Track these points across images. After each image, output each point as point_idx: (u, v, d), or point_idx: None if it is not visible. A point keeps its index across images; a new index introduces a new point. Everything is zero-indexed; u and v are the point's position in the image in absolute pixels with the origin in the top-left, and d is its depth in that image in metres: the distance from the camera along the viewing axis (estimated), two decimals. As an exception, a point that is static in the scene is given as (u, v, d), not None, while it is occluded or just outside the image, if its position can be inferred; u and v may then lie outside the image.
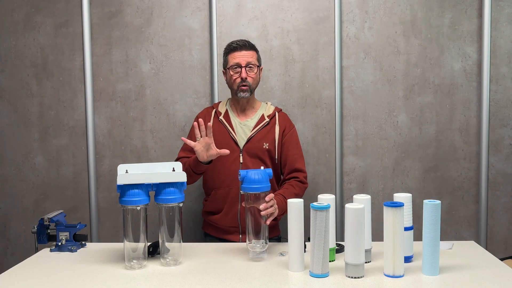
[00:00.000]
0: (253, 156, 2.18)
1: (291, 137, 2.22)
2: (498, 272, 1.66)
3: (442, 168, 2.67)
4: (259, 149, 2.18)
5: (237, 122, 2.22)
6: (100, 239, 2.72)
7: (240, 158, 2.17)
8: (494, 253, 2.08)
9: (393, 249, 1.59)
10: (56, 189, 2.74)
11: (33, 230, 2.00)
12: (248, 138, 2.18)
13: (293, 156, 2.19)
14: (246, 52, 2.15)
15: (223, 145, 2.14)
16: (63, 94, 2.71)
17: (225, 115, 2.23)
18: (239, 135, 2.19)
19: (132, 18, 2.67)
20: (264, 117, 2.22)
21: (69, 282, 1.62)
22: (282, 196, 2.01)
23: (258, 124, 2.20)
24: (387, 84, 2.65)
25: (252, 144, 2.18)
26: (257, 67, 2.19)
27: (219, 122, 2.22)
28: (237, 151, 2.18)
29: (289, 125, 2.26)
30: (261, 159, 2.19)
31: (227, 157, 2.11)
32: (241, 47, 2.15)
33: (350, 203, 1.63)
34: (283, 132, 2.22)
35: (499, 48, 2.61)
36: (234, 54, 2.16)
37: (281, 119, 2.25)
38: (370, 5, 2.62)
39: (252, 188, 1.79)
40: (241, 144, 2.18)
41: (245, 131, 2.20)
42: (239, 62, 2.14)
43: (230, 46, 2.18)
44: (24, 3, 2.68)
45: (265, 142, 2.18)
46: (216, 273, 1.69)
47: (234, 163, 2.17)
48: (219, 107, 2.28)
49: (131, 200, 1.72)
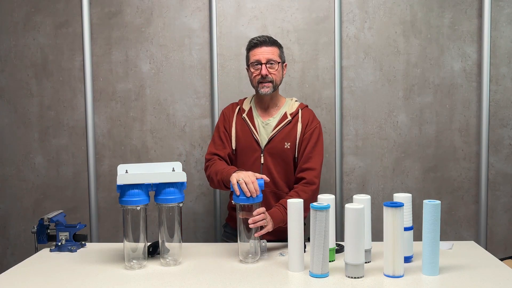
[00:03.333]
0: (274, 156, 2.12)
1: (310, 135, 2.13)
2: (498, 272, 1.66)
3: (442, 168, 2.67)
4: (280, 149, 2.12)
5: (259, 122, 2.17)
6: (100, 239, 2.72)
7: (261, 158, 2.13)
8: (494, 253, 2.08)
9: (393, 249, 1.59)
10: (56, 189, 2.74)
11: (33, 230, 2.00)
12: (270, 138, 2.12)
13: (307, 155, 2.10)
14: (267, 49, 2.09)
15: (245, 145, 2.13)
16: (63, 94, 2.71)
17: (249, 113, 2.18)
18: (261, 135, 2.14)
19: (132, 18, 2.67)
20: (287, 115, 2.15)
21: (69, 282, 1.62)
22: (283, 207, 1.96)
23: (279, 123, 2.13)
24: (387, 84, 2.65)
25: (273, 144, 2.12)
26: (278, 64, 2.11)
27: (242, 120, 2.18)
28: (259, 151, 2.13)
29: (312, 122, 2.16)
30: (283, 159, 2.13)
31: (248, 157, 2.10)
32: (261, 43, 2.09)
33: (350, 203, 1.63)
34: (304, 130, 2.14)
35: (499, 48, 2.61)
36: (255, 51, 2.10)
37: (304, 116, 2.16)
38: (370, 5, 2.62)
39: (243, 199, 1.79)
40: (263, 144, 2.13)
41: (267, 130, 2.15)
42: (259, 59, 2.08)
43: (251, 43, 2.13)
44: (24, 3, 2.68)
45: (287, 142, 2.12)
46: (216, 273, 1.69)
47: (255, 164, 2.13)
48: (243, 104, 2.23)
49: (131, 200, 1.72)
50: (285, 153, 2.12)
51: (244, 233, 1.82)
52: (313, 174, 2.08)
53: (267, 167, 2.11)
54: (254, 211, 1.81)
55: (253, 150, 2.13)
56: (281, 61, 2.14)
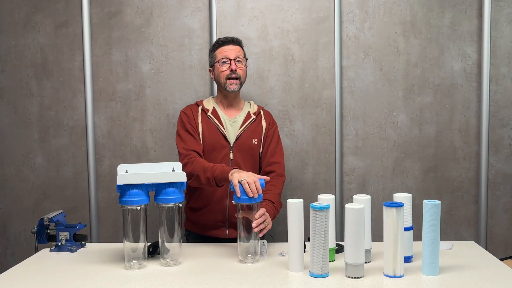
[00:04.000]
0: (242, 152, 2.21)
1: (273, 132, 2.28)
2: (498, 272, 1.66)
3: (442, 168, 2.67)
4: (248, 145, 2.22)
5: (226, 119, 2.24)
6: (100, 239, 2.72)
7: (230, 154, 2.19)
8: (494, 253, 2.08)
9: (393, 249, 1.59)
10: (56, 189, 2.74)
11: (33, 230, 2.00)
12: (238, 135, 2.21)
13: (273, 150, 2.25)
14: (234, 47, 2.21)
15: (213, 142, 2.18)
16: (63, 94, 2.71)
17: (213, 112, 2.24)
18: (228, 132, 2.21)
19: (132, 18, 2.67)
20: (251, 114, 2.26)
21: (69, 282, 1.62)
22: (270, 202, 2.05)
23: (246, 121, 2.24)
24: (387, 84, 2.65)
25: (241, 140, 2.21)
26: (245, 61, 2.24)
27: (208, 119, 2.22)
28: (227, 148, 2.19)
29: (273, 122, 2.32)
30: (251, 154, 2.22)
31: (217, 153, 2.16)
32: (228, 42, 2.22)
33: (350, 203, 1.63)
34: (268, 127, 2.27)
35: (499, 48, 2.61)
36: (222, 49, 2.21)
37: (266, 115, 2.31)
38: (370, 5, 2.62)
39: (244, 199, 1.79)
40: (232, 140, 2.20)
41: (234, 128, 2.22)
42: (228, 55, 2.19)
43: (218, 42, 2.25)
44: (24, 3, 2.68)
45: (254, 138, 2.23)
46: (216, 273, 1.69)
47: (224, 160, 2.18)
48: (204, 104, 2.28)
49: (131, 200, 1.72)
50: (253, 149, 2.23)
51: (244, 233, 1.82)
52: (281, 167, 2.23)
53: (237, 163, 2.18)
54: (256, 214, 1.81)
55: (222, 147, 2.19)
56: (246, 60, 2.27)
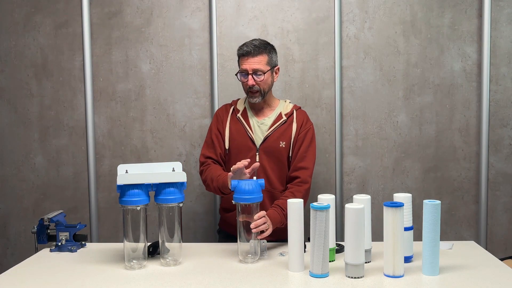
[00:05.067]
0: (269, 155, 2.16)
1: (305, 135, 2.17)
2: (498, 272, 1.66)
3: (442, 168, 2.67)
4: (275, 148, 2.15)
5: (254, 121, 2.20)
6: (100, 239, 2.72)
7: (257, 157, 2.15)
8: (494, 253, 2.08)
9: (393, 249, 1.59)
10: (56, 189, 2.74)
11: (33, 230, 2.00)
12: (265, 137, 2.16)
13: (302, 154, 2.15)
14: (253, 59, 2.09)
15: (240, 144, 2.15)
16: (63, 94, 2.71)
17: (243, 113, 2.21)
18: (256, 134, 2.17)
19: (132, 18, 2.67)
20: (282, 116, 2.18)
21: (69, 282, 1.62)
22: (280, 208, 1.99)
23: (275, 123, 2.17)
24: (387, 84, 2.65)
25: (268, 143, 2.16)
26: (264, 73, 2.10)
27: (237, 120, 2.20)
28: (254, 150, 2.16)
29: (306, 123, 2.21)
30: (278, 158, 2.16)
31: (243, 156, 2.10)
32: (247, 53, 2.10)
33: (350, 203, 1.63)
34: (299, 130, 2.18)
35: (499, 48, 2.61)
36: (242, 60, 2.13)
37: (299, 117, 2.21)
38: (370, 5, 2.62)
39: (243, 198, 1.79)
40: (258, 143, 2.16)
41: (262, 130, 2.18)
42: (246, 69, 2.11)
43: (240, 50, 2.14)
44: (24, 3, 2.68)
45: (282, 141, 2.16)
46: (216, 273, 1.69)
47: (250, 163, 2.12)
48: (237, 104, 2.26)
49: (131, 200, 1.72)
50: (280, 152, 2.16)
51: (244, 234, 1.82)
52: (307, 173, 2.13)
53: (262, 166, 2.14)
54: (255, 215, 1.81)
55: (248, 149, 2.15)
56: (271, 67, 2.14)
